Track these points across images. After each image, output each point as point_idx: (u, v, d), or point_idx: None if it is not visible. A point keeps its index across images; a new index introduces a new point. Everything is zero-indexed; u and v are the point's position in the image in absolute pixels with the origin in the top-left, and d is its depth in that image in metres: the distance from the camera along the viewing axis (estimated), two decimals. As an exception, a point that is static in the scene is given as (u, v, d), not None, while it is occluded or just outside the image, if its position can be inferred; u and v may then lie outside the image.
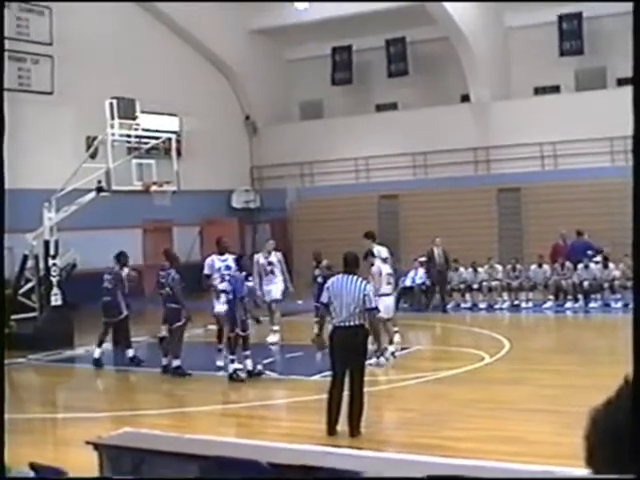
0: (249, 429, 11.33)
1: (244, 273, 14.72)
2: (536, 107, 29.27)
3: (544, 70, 29.85)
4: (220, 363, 15.19)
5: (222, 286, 15.07)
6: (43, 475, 5.78)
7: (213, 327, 16.51)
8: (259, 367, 14.61)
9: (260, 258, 18.87)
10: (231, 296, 14.17)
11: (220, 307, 15.11)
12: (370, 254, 15.19)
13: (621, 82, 28.39)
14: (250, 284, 14.80)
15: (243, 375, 14.09)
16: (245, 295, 14.30)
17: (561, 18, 29.13)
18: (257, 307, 15.50)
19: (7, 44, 22.75)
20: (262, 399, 12.97)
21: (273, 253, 19.07)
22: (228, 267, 15.49)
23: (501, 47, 30.61)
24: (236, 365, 14.12)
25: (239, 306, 14.11)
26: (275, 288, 18.57)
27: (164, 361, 15.19)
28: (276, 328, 18.36)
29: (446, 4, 28.21)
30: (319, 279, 17.89)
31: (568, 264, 23.47)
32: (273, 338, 18.21)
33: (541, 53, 29.68)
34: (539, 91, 30.67)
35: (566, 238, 24.90)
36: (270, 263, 18.72)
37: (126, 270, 17.46)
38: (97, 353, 16.36)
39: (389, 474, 5.97)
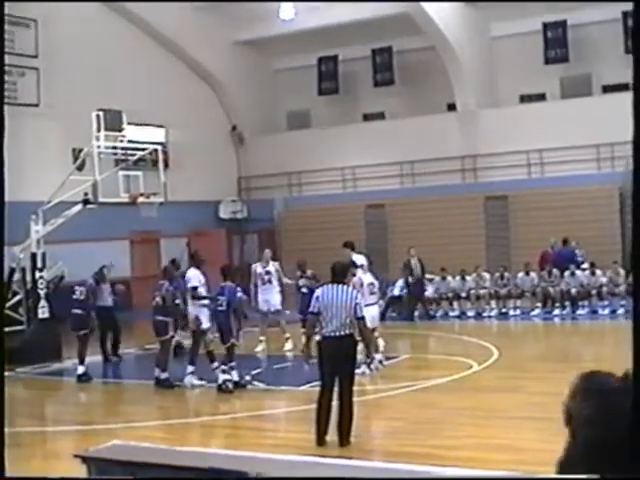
0: (239, 440, 11.30)
1: (234, 284, 14.64)
2: (522, 115, 29.32)
3: (530, 78, 29.92)
4: (195, 381, 14.89)
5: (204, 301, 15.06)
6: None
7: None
8: (247, 378, 14.59)
9: (258, 268, 19.00)
10: (224, 307, 14.12)
11: (204, 318, 14.98)
12: (352, 264, 15.03)
13: (606, 89, 28.52)
14: (239, 294, 14.75)
15: (231, 386, 14.07)
16: (237, 306, 14.26)
17: (546, 26, 29.21)
18: (246, 318, 15.44)
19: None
20: (251, 410, 12.92)
21: (271, 263, 19.15)
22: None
23: (487, 56, 30.68)
24: (226, 376, 14.09)
25: (232, 316, 14.08)
26: (274, 298, 18.63)
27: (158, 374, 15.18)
28: (287, 335, 18.46)
29: (432, 14, 28.27)
30: (304, 289, 17.82)
31: (555, 271, 23.55)
32: (288, 346, 18.33)
33: (526, 61, 29.75)
34: (525, 99, 30.74)
35: (554, 246, 24.98)
36: (268, 272, 18.79)
37: (104, 286, 17.49)
38: (81, 369, 16.32)
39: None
